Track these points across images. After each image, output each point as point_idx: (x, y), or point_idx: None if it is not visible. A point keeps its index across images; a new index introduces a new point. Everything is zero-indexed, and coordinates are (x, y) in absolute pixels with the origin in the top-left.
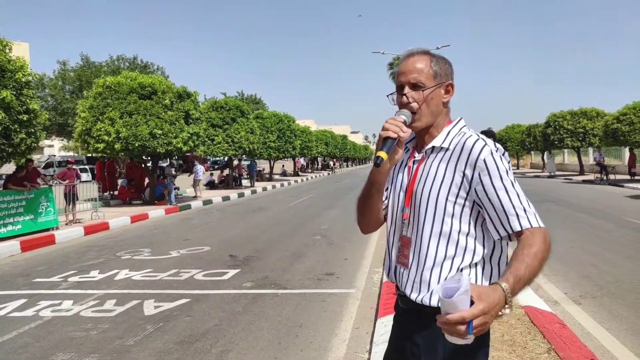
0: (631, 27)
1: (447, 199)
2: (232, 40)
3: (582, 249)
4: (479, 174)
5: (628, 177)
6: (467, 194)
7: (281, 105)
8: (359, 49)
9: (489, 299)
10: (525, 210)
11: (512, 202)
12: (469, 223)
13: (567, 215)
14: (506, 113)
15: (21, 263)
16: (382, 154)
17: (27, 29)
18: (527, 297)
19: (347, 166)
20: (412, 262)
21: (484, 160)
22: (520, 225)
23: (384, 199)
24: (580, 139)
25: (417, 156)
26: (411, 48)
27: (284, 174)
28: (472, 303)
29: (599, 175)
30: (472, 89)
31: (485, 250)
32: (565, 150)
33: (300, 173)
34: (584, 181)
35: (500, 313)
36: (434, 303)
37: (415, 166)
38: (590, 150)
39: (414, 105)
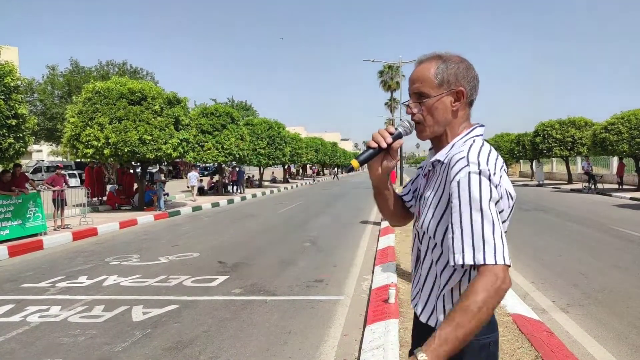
0: (619, 39)
1: (433, 214)
2: (223, 46)
3: (570, 258)
4: (451, 193)
5: (616, 186)
6: (444, 212)
7: (272, 112)
8: (349, 56)
9: None
10: (483, 243)
11: (462, 239)
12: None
13: (556, 223)
14: (496, 122)
15: (9, 268)
16: (354, 163)
17: (16, 33)
18: (515, 305)
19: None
20: (415, 278)
21: (458, 182)
22: (470, 259)
23: (409, 199)
24: (569, 148)
25: (430, 168)
26: (423, 54)
27: (273, 180)
28: None
29: (587, 184)
30: None
31: (460, 275)
32: (554, 159)
33: (290, 180)
34: (572, 190)
35: None
36: (430, 322)
37: (427, 181)
38: (579, 159)
39: (418, 116)
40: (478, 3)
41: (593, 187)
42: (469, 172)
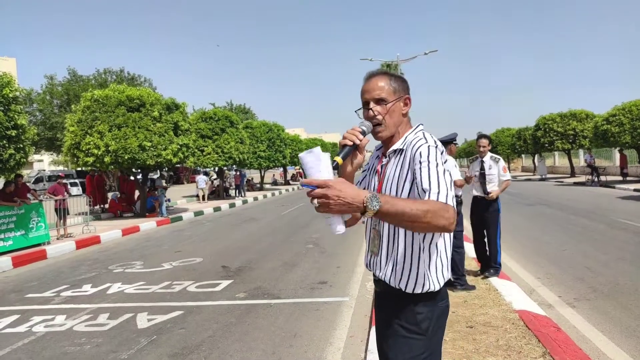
0: (619, 30)
1: (402, 188)
2: (219, 50)
3: (576, 251)
4: (415, 164)
5: (619, 178)
6: (412, 184)
7: (270, 115)
8: (347, 56)
9: (341, 185)
10: (439, 190)
11: (429, 181)
12: None
13: (560, 217)
14: (496, 116)
15: (13, 279)
16: (338, 159)
17: (14, 44)
18: (521, 301)
19: (338, 175)
20: (382, 250)
21: (420, 152)
22: (428, 197)
23: None
24: (571, 141)
25: (384, 161)
26: (370, 70)
27: (274, 183)
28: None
29: (590, 177)
30: (462, 92)
31: (437, 237)
32: (556, 153)
33: (291, 182)
34: (576, 183)
35: (343, 202)
36: (407, 289)
37: (382, 170)
38: (581, 152)
39: (379, 117)
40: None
41: (596, 179)
42: (428, 146)
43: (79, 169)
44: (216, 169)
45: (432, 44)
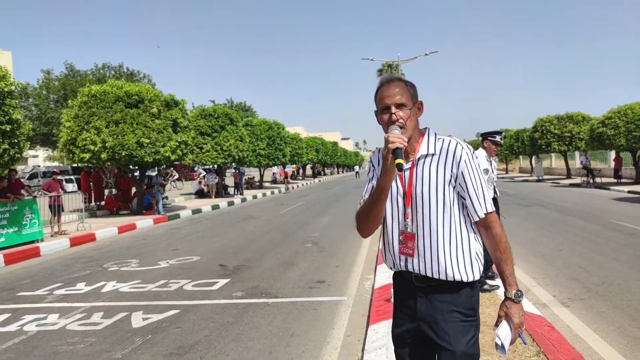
0: (616, 35)
1: (444, 190)
2: (221, 48)
3: (571, 252)
4: (462, 171)
5: (614, 180)
6: (454, 187)
7: (271, 113)
8: (348, 55)
9: (519, 313)
10: (485, 200)
11: (479, 191)
12: (459, 209)
13: (556, 218)
14: (495, 118)
15: (5, 277)
16: (401, 161)
17: (10, 38)
18: None
19: (338, 173)
20: (420, 248)
21: (465, 161)
22: (485, 209)
23: None
24: (567, 143)
25: (406, 165)
26: (386, 75)
27: (274, 181)
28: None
29: (585, 179)
30: (462, 94)
31: (469, 230)
32: (553, 154)
33: (290, 180)
34: (571, 184)
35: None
36: (448, 278)
37: (407, 173)
38: (577, 154)
39: (402, 122)
40: (474, 3)
41: (592, 181)
42: (467, 153)
43: (75, 165)
44: (215, 166)
45: (432, 45)
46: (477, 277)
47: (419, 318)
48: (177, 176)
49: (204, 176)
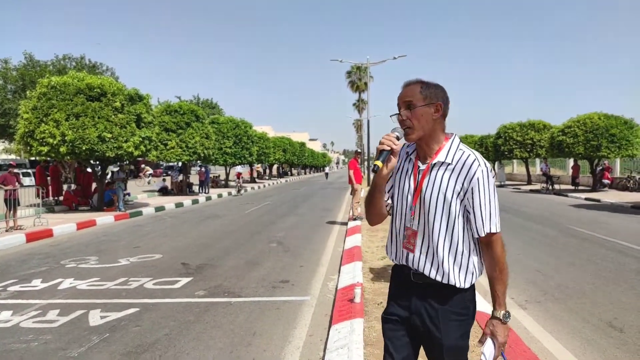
0: (579, 47)
1: (451, 201)
2: (188, 44)
3: (529, 256)
4: (472, 187)
5: (572, 187)
6: (462, 200)
7: (238, 111)
8: (318, 56)
9: (504, 333)
10: (491, 219)
11: (486, 209)
12: (463, 221)
13: (516, 223)
14: (460, 123)
15: None
16: (378, 163)
17: None
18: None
19: (305, 173)
20: (421, 247)
21: (478, 178)
22: (488, 229)
23: (386, 198)
24: (528, 150)
25: (422, 166)
26: (408, 80)
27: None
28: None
29: (545, 185)
30: None
31: (470, 242)
32: (515, 161)
33: (257, 180)
34: (531, 190)
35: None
36: (444, 280)
37: (420, 175)
38: (537, 160)
39: (408, 121)
40: (447, 4)
41: (550, 187)
42: (482, 171)
43: (33, 158)
44: (179, 164)
45: (402, 47)
46: (475, 281)
47: (412, 312)
48: (151, 171)
49: (150, 174)
